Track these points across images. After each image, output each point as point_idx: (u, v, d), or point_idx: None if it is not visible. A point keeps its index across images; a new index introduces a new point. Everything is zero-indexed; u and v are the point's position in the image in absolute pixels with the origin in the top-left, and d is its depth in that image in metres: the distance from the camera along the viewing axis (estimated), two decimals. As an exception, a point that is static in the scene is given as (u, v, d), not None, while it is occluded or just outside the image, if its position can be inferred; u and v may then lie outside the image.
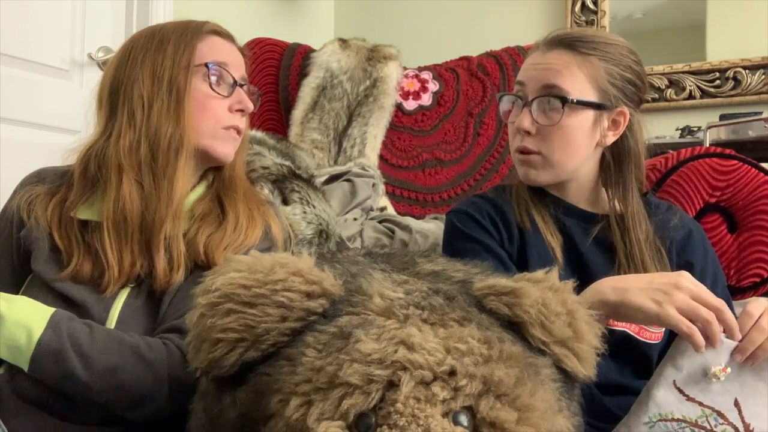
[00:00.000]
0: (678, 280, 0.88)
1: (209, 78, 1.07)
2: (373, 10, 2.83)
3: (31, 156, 1.15)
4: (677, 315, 0.86)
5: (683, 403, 0.86)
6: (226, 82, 1.09)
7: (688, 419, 0.86)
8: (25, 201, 1.05)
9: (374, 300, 0.69)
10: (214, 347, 0.68)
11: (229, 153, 1.11)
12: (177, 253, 1.01)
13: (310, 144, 1.92)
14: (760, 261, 1.33)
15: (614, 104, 1.11)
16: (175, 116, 1.04)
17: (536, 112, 1.11)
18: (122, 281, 1.01)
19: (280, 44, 2.13)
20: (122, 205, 1.01)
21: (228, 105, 1.09)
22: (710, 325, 0.85)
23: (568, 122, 1.09)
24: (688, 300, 0.86)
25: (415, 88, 2.03)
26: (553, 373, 0.72)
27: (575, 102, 1.09)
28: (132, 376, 0.90)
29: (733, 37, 2.32)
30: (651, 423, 0.87)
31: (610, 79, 1.11)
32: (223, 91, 1.09)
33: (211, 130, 1.07)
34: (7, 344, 0.89)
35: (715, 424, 0.85)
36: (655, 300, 0.88)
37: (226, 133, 1.09)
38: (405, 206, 1.90)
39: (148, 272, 1.01)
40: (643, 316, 0.89)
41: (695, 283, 0.89)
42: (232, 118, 1.10)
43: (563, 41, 1.12)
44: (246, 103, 1.11)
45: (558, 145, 1.11)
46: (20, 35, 1.72)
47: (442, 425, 0.61)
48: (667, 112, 2.36)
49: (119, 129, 1.04)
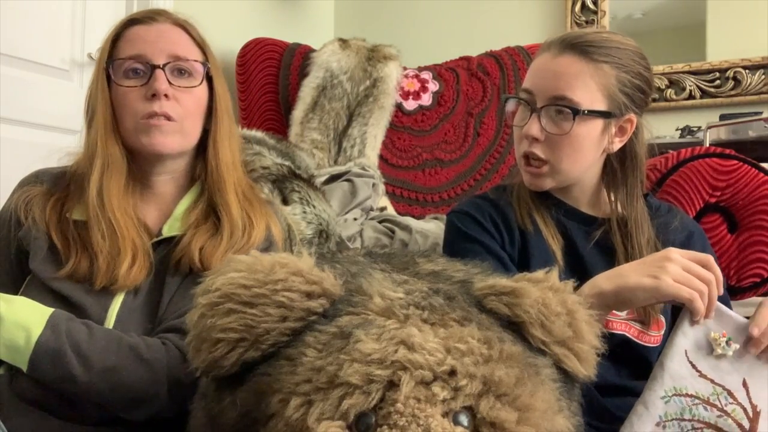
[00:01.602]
0: (668, 254, 0.91)
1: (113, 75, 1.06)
2: (373, 10, 2.83)
3: (31, 156, 1.15)
4: (675, 284, 0.88)
5: (696, 380, 0.88)
6: (138, 72, 1.05)
7: (701, 396, 0.87)
8: (22, 201, 1.05)
9: (374, 300, 0.69)
10: (214, 347, 0.68)
11: (159, 142, 1.04)
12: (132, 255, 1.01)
13: (310, 144, 1.92)
14: (760, 261, 1.33)
15: (623, 112, 1.10)
16: (95, 121, 1.06)
17: (545, 120, 1.09)
18: (106, 277, 1.00)
19: (280, 44, 2.13)
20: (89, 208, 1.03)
21: (143, 93, 1.05)
22: (704, 294, 0.88)
23: (578, 131, 1.08)
24: (681, 271, 0.89)
25: (415, 88, 2.03)
26: (553, 373, 0.72)
27: (586, 113, 1.08)
28: (131, 377, 0.90)
29: (733, 37, 2.31)
30: (667, 397, 0.88)
31: (620, 87, 1.09)
32: (136, 83, 1.05)
33: (133, 125, 1.05)
34: (6, 345, 0.88)
35: (726, 403, 0.87)
36: (651, 275, 0.90)
37: (147, 123, 1.04)
38: (405, 206, 1.90)
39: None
40: (643, 294, 0.91)
41: (685, 254, 0.91)
42: (148, 106, 1.03)
43: (576, 46, 1.09)
44: (154, 86, 1.03)
45: (566, 153, 1.10)
46: (20, 35, 1.72)
47: (442, 425, 0.61)
48: (667, 112, 2.36)
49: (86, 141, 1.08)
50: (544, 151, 1.11)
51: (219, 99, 1.11)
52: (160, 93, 1.03)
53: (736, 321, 0.90)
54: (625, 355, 1.08)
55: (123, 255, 1.00)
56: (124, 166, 1.06)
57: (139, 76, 1.05)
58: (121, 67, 1.05)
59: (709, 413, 0.86)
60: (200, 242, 1.03)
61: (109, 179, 1.04)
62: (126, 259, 1.00)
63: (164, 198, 1.10)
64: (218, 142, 1.11)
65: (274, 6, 2.56)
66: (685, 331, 0.90)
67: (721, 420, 0.86)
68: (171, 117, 1.04)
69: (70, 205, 1.05)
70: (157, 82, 1.03)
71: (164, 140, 1.04)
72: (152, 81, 1.03)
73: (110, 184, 1.03)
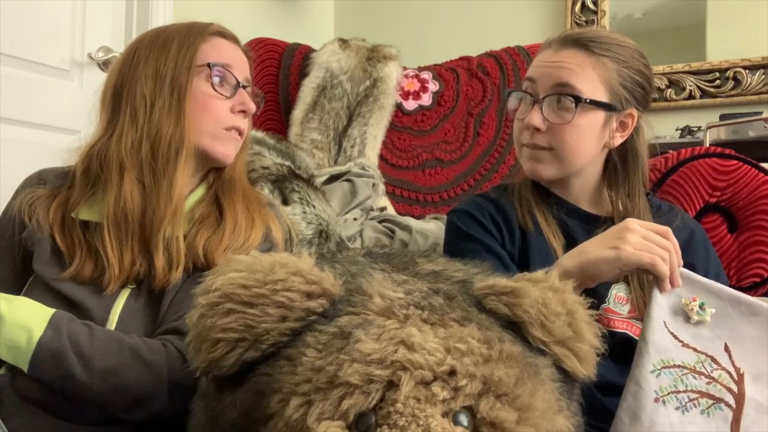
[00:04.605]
0: (627, 225, 0.94)
1: (211, 78, 1.07)
2: (373, 10, 2.83)
3: (32, 156, 1.15)
4: (636, 251, 0.91)
5: (680, 350, 0.90)
6: (228, 83, 1.09)
7: (687, 366, 0.89)
8: (26, 203, 1.05)
9: (374, 300, 0.69)
10: (214, 347, 0.68)
11: (230, 154, 1.10)
12: (176, 251, 1.01)
13: (310, 144, 1.91)
14: (760, 261, 1.33)
15: (624, 106, 1.12)
16: (176, 116, 1.04)
17: (547, 110, 1.10)
18: (122, 280, 1.01)
19: (280, 44, 2.13)
20: (123, 204, 1.01)
21: (230, 106, 1.09)
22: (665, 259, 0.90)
23: (579, 121, 1.09)
24: (640, 239, 0.92)
25: (415, 88, 2.03)
26: (553, 373, 0.72)
27: (588, 102, 1.09)
28: (131, 378, 0.90)
29: (733, 37, 2.32)
30: (656, 371, 0.89)
31: (621, 81, 1.11)
32: (225, 92, 1.09)
33: (212, 131, 1.07)
34: (8, 345, 0.89)
35: (711, 369, 0.88)
36: (612, 246, 0.92)
37: (227, 134, 1.09)
38: (405, 206, 1.89)
39: (147, 271, 1.01)
40: (606, 266, 0.93)
41: (644, 224, 0.94)
42: (233, 119, 1.10)
43: (577, 41, 1.12)
44: (248, 105, 1.11)
45: (568, 143, 1.11)
46: (20, 35, 1.72)
47: (442, 425, 0.61)
48: (667, 112, 2.36)
49: (121, 128, 1.05)
50: (546, 141, 1.12)
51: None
52: (250, 112, 1.12)
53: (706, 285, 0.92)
54: (627, 354, 1.07)
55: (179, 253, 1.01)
56: None
57: (224, 86, 1.09)
58: (215, 72, 1.08)
59: (699, 381, 0.88)
60: (204, 237, 1.04)
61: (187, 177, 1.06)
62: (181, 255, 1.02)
63: None
64: (240, 158, 1.16)
65: (274, 6, 2.56)
66: (659, 302, 0.91)
67: (711, 387, 0.88)
68: (242, 134, 1.13)
69: (75, 205, 1.05)
70: (248, 101, 1.11)
71: (232, 153, 1.11)
72: (242, 97, 1.10)
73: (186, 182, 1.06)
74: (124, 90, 1.07)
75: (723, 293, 0.92)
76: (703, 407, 0.87)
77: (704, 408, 0.87)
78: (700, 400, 0.87)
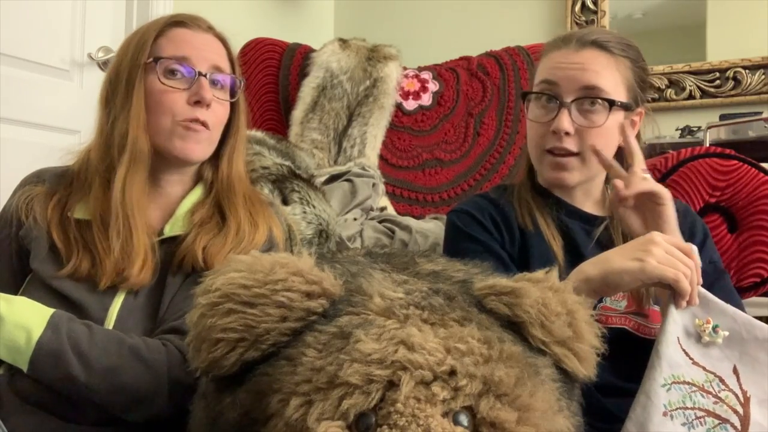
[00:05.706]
0: (652, 237, 0.93)
1: (157, 73, 1.05)
2: (373, 10, 2.82)
3: (31, 156, 1.15)
4: (660, 265, 0.90)
5: (690, 367, 0.90)
6: (183, 74, 1.05)
7: (696, 383, 0.89)
8: (24, 201, 1.05)
9: (374, 300, 0.69)
10: (214, 347, 0.68)
11: (191, 148, 1.05)
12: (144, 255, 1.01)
13: (310, 144, 1.92)
14: (760, 261, 1.33)
15: (638, 104, 1.14)
16: (126, 115, 1.04)
17: (575, 113, 1.09)
18: (113, 276, 1.00)
19: (280, 44, 2.13)
20: (98, 205, 1.03)
21: (186, 98, 1.05)
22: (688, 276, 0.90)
23: (607, 123, 1.09)
24: (665, 254, 0.91)
25: (415, 88, 2.03)
26: (553, 373, 0.72)
27: (618, 104, 1.09)
28: (131, 377, 0.90)
29: (733, 37, 2.31)
30: (667, 385, 0.89)
31: (636, 79, 1.13)
32: (178, 84, 1.05)
33: (168, 126, 1.04)
34: (7, 345, 0.89)
35: (718, 389, 0.89)
36: (636, 258, 0.92)
37: (186, 127, 1.05)
38: (405, 206, 1.89)
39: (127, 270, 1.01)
40: (629, 278, 0.92)
41: (668, 239, 0.93)
42: (191, 111, 1.04)
43: (596, 42, 1.11)
44: (202, 94, 1.04)
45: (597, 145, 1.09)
46: (20, 35, 1.71)
47: (442, 425, 0.61)
48: (667, 112, 2.35)
49: (99, 129, 1.08)
50: (575, 145, 1.11)
51: (240, 113, 1.14)
52: (206, 101, 1.05)
53: (721, 307, 0.92)
54: (624, 350, 1.07)
55: (136, 254, 1.00)
56: (148, 164, 1.05)
57: (178, 78, 1.05)
58: (163, 65, 1.05)
59: (706, 400, 0.88)
60: (204, 241, 1.04)
61: (134, 176, 1.03)
62: (139, 258, 1.00)
63: (169, 198, 1.11)
64: (235, 154, 1.13)
65: (274, 6, 2.56)
66: (675, 318, 0.92)
67: (717, 407, 0.87)
68: (208, 126, 1.06)
69: (72, 204, 1.05)
70: (204, 90, 1.04)
71: (195, 147, 1.06)
72: (198, 87, 1.04)
73: (134, 181, 1.03)
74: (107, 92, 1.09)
75: (737, 317, 0.92)
76: (709, 426, 0.87)
77: (710, 427, 0.87)
78: (707, 418, 0.87)
